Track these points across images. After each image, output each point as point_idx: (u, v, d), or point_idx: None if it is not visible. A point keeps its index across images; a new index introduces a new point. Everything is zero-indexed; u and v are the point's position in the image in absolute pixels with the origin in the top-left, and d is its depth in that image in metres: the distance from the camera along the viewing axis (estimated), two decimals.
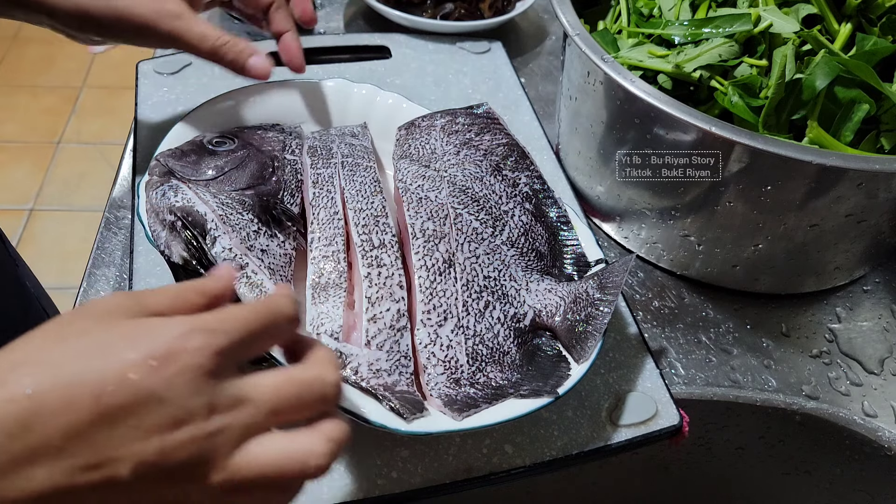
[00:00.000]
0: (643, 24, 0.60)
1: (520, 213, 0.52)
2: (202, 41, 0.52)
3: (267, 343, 0.33)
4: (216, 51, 0.52)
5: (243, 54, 0.53)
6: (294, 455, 0.31)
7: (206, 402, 0.29)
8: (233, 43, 0.53)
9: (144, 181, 0.49)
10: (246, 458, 0.30)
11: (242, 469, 0.30)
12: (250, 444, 0.30)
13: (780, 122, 0.53)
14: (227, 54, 0.53)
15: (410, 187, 0.51)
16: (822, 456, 0.57)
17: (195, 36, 0.52)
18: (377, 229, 0.48)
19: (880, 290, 0.62)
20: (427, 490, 0.44)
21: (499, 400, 0.43)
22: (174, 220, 0.46)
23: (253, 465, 0.30)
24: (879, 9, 0.55)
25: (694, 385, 0.54)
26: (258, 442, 0.31)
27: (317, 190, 0.51)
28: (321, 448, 0.31)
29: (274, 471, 0.30)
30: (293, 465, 0.31)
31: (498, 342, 0.45)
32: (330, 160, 0.53)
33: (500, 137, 0.56)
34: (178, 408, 0.29)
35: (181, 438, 0.29)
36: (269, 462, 0.30)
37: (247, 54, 0.53)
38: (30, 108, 2.09)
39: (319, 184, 0.51)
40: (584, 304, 0.47)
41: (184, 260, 0.44)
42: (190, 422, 0.29)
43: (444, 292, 0.46)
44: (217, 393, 0.30)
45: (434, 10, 0.80)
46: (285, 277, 0.47)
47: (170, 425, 0.28)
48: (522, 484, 0.60)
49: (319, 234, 0.48)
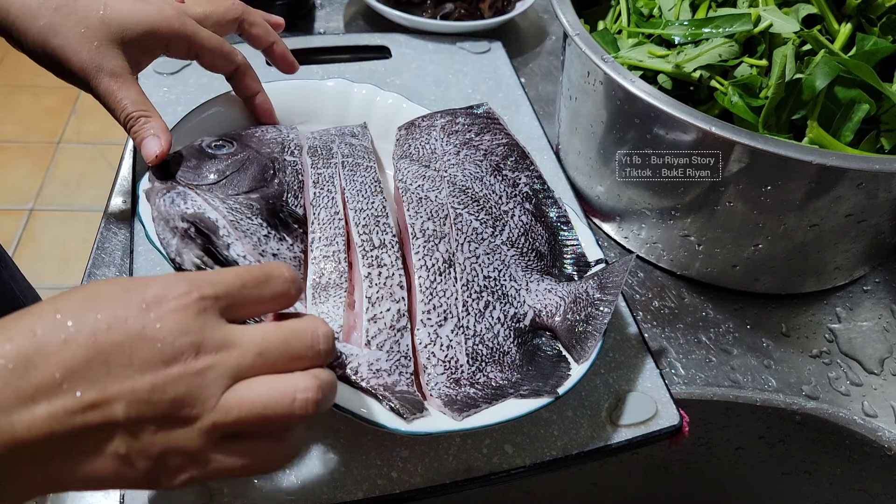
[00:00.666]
0: (643, 24, 0.60)
1: (520, 213, 0.52)
2: (119, 108, 0.48)
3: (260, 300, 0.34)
4: (125, 122, 0.49)
5: (140, 133, 0.48)
6: (280, 389, 0.32)
7: (192, 341, 0.31)
8: (144, 121, 0.48)
9: (146, 188, 0.48)
10: (234, 397, 0.31)
11: (232, 409, 0.31)
12: (239, 385, 0.32)
13: (780, 122, 0.53)
14: (134, 130, 0.49)
15: (410, 187, 0.51)
16: (822, 456, 0.57)
17: (117, 100, 0.48)
18: (377, 229, 0.48)
19: (880, 290, 0.62)
20: (427, 490, 0.44)
21: (499, 400, 0.43)
22: (186, 228, 0.45)
23: (242, 403, 0.31)
24: (879, 9, 0.55)
25: (694, 385, 0.54)
26: (247, 384, 0.32)
27: (317, 190, 0.51)
28: (306, 382, 0.32)
29: (261, 408, 0.31)
30: (280, 399, 0.32)
31: (498, 342, 0.45)
32: (330, 160, 0.53)
33: (501, 137, 0.56)
34: (166, 345, 0.30)
35: (171, 374, 0.30)
36: (256, 399, 0.31)
37: (142, 136, 0.48)
38: (30, 108, 2.09)
39: (320, 184, 0.51)
40: (584, 304, 0.47)
41: (197, 268, 0.44)
42: (179, 360, 0.30)
43: (445, 292, 0.46)
44: (205, 334, 0.31)
45: (434, 10, 0.80)
46: None
47: (160, 362, 0.30)
48: (522, 484, 0.60)
49: (320, 234, 0.48)
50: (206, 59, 0.52)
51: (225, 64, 0.53)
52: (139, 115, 0.48)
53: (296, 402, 0.32)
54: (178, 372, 0.30)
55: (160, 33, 0.49)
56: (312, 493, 0.43)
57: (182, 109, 0.61)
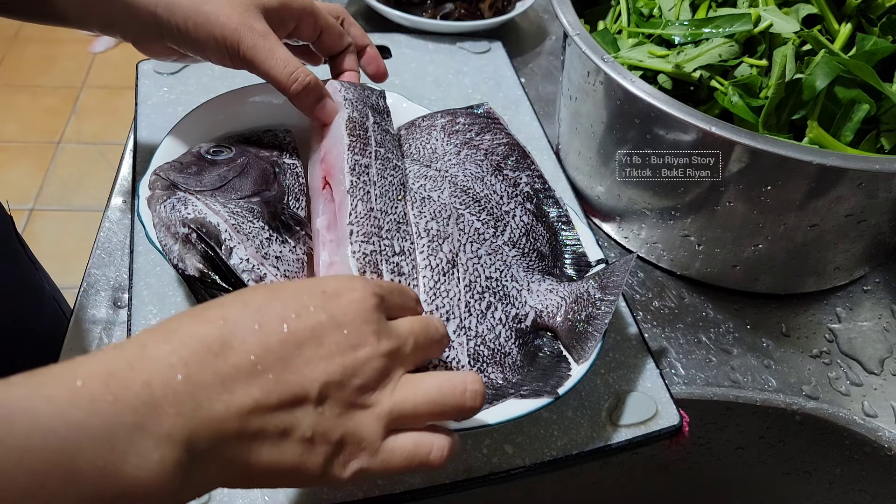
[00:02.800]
0: (643, 24, 0.60)
1: (521, 213, 0.52)
2: (282, 69, 0.48)
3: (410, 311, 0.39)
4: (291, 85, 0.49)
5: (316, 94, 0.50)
6: (452, 380, 0.35)
7: (374, 329, 0.33)
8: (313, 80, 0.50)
9: (146, 196, 0.48)
10: (410, 386, 0.34)
11: (408, 397, 0.34)
12: (412, 376, 0.35)
13: (780, 122, 0.53)
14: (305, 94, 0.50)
15: (413, 187, 0.51)
16: (822, 456, 0.57)
17: (278, 60, 0.48)
18: (398, 236, 0.46)
19: (880, 290, 0.62)
20: (427, 490, 0.44)
21: (499, 400, 0.43)
22: (188, 233, 0.45)
23: (418, 391, 0.34)
24: (879, 9, 0.55)
25: (694, 385, 0.54)
26: (419, 376, 0.35)
27: (354, 178, 0.47)
28: (473, 377, 0.35)
29: (437, 395, 0.34)
30: (453, 389, 0.34)
31: (499, 343, 0.45)
32: (366, 148, 0.50)
33: (501, 137, 0.56)
34: (353, 331, 0.33)
35: (360, 358, 0.32)
36: (431, 387, 0.34)
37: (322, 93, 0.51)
38: (30, 108, 2.09)
39: (356, 172, 0.48)
40: (584, 304, 0.47)
41: (201, 273, 0.44)
42: (365, 344, 0.33)
43: (448, 293, 0.46)
44: (381, 325, 0.34)
45: (434, 10, 0.80)
46: None
47: (349, 347, 0.32)
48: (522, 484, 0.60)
49: (358, 229, 0.45)
50: (325, 38, 0.54)
51: (340, 43, 0.55)
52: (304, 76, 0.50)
53: (467, 393, 0.34)
54: (366, 356, 0.32)
55: (292, 7, 0.51)
56: (312, 493, 0.43)
57: (182, 109, 0.62)
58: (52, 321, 0.74)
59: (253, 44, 0.48)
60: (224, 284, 0.43)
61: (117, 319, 0.53)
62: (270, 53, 0.48)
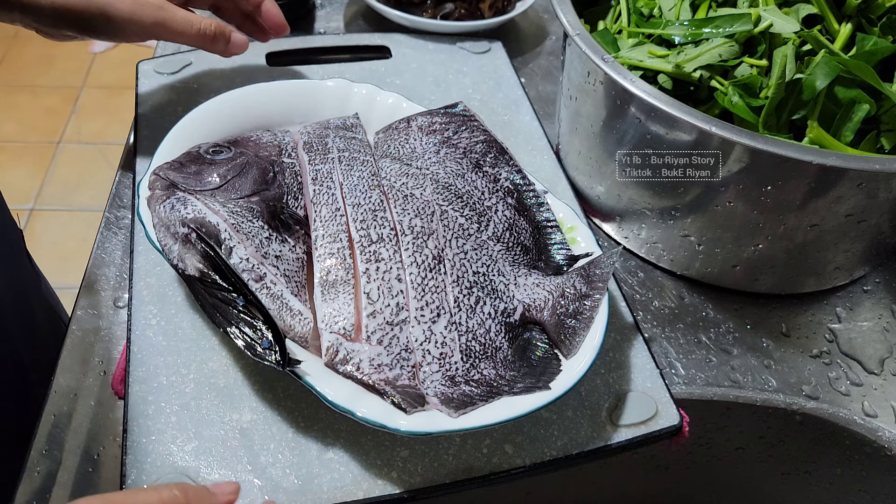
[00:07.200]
0: (643, 24, 0.60)
1: (503, 207, 0.52)
2: (188, 26, 0.55)
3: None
4: (202, 34, 0.55)
5: (226, 34, 0.57)
6: None
7: None
8: (217, 26, 0.56)
9: (146, 196, 0.48)
10: None
11: None
12: None
13: (781, 122, 0.53)
14: (214, 41, 0.56)
15: (395, 185, 0.51)
16: (822, 456, 0.57)
17: (180, 22, 0.54)
18: (375, 224, 0.48)
19: (880, 290, 0.62)
20: (427, 490, 0.44)
21: (494, 397, 0.43)
22: (188, 233, 0.45)
23: None
24: (879, 9, 0.55)
25: (694, 385, 0.54)
26: None
27: (317, 187, 0.51)
28: None
29: None
30: None
31: (490, 338, 0.46)
32: (326, 155, 0.53)
33: (478, 134, 0.56)
34: None
35: None
36: None
37: (229, 32, 0.58)
38: (30, 108, 2.09)
39: (319, 180, 0.51)
40: (571, 298, 0.47)
41: (200, 273, 0.44)
42: None
43: (436, 289, 0.46)
44: None
45: (434, 10, 0.80)
46: (300, 283, 0.47)
47: None
48: (522, 484, 0.60)
49: (323, 232, 0.48)
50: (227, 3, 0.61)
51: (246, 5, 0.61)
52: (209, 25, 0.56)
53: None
54: None
55: None
56: (312, 493, 0.43)
57: (182, 109, 0.62)
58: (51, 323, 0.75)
59: (153, 18, 0.53)
60: (224, 284, 0.43)
61: (117, 319, 0.53)
62: (172, 17, 0.54)
